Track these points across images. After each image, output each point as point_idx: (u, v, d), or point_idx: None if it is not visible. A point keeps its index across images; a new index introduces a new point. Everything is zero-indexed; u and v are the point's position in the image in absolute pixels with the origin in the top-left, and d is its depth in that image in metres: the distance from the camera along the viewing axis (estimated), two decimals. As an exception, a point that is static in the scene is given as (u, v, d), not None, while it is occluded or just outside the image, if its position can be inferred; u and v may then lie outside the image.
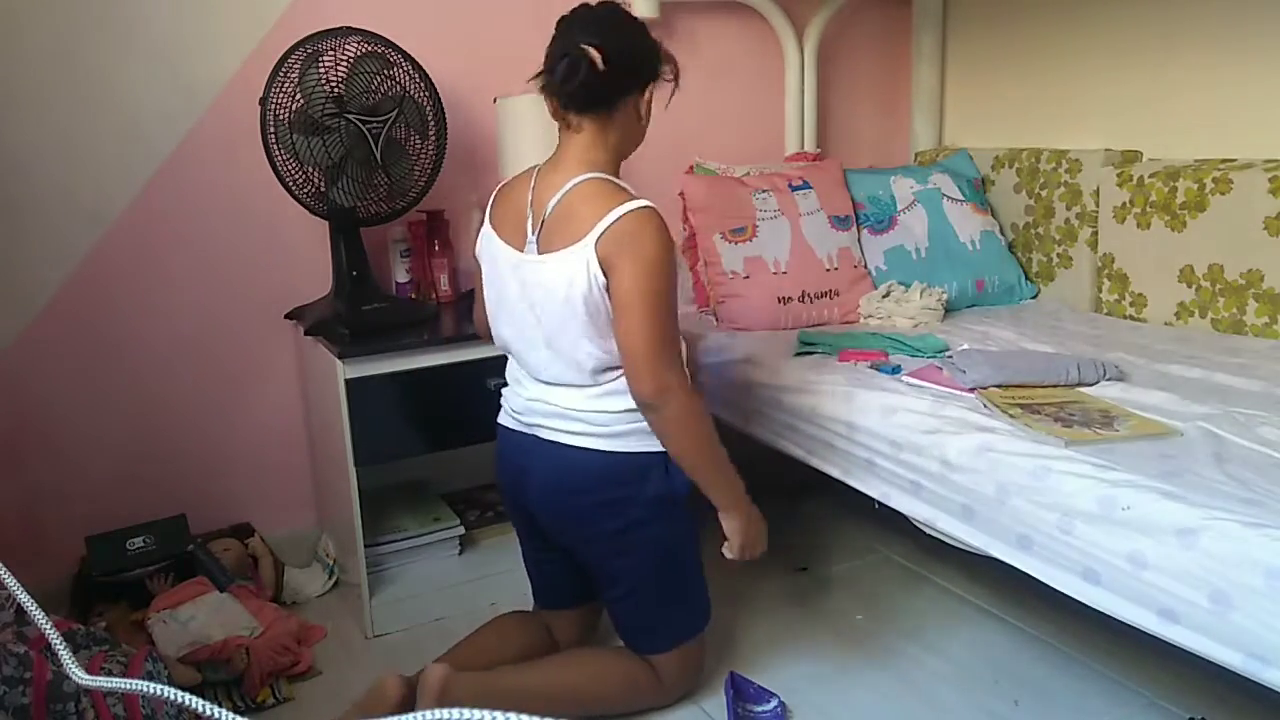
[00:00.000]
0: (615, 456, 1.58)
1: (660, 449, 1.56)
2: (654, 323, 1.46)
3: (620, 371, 1.53)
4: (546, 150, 1.60)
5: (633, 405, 1.53)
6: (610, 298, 1.48)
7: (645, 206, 1.47)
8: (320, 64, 1.89)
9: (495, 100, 2.25)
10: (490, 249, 1.62)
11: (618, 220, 1.45)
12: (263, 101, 1.88)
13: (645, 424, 1.54)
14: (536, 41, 1.56)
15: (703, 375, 2.13)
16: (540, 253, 1.53)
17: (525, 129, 2.22)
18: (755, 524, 1.63)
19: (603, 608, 1.83)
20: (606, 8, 1.55)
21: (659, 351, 1.47)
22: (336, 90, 1.90)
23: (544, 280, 1.52)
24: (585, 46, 1.47)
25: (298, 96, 1.89)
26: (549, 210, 1.52)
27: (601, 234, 1.45)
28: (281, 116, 1.89)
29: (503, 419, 1.75)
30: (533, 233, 1.53)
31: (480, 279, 1.70)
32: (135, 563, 2.02)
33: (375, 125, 1.94)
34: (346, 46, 1.93)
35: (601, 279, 1.47)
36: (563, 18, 1.54)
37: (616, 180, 1.54)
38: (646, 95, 1.57)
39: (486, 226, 1.64)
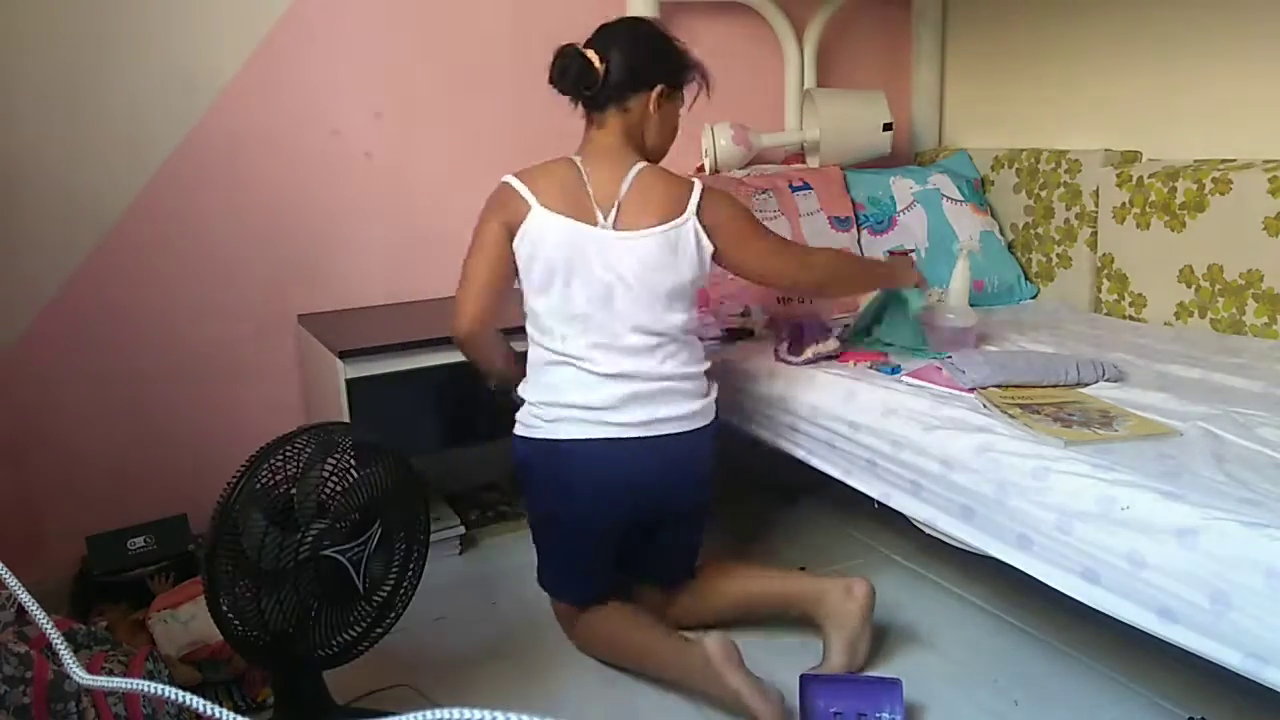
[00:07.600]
0: (713, 424, 1.77)
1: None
2: (769, 233, 1.80)
3: (684, 336, 1.73)
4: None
5: (699, 361, 1.75)
6: (727, 245, 1.73)
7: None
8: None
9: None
10: (556, 230, 1.64)
11: (704, 192, 1.72)
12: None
13: (713, 385, 1.78)
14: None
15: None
16: (618, 230, 1.67)
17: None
18: (906, 269, 2.04)
19: None
20: (625, 21, 1.76)
21: (788, 246, 1.85)
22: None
23: (641, 251, 1.66)
24: (583, 50, 1.67)
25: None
26: (623, 194, 1.67)
27: (699, 205, 1.70)
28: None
29: (576, 432, 1.66)
30: (605, 216, 1.67)
31: (484, 259, 1.68)
32: (136, 562, 2.02)
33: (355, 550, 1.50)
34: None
35: (709, 244, 1.71)
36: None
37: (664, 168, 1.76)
38: (655, 94, 1.71)
39: (541, 210, 1.64)
